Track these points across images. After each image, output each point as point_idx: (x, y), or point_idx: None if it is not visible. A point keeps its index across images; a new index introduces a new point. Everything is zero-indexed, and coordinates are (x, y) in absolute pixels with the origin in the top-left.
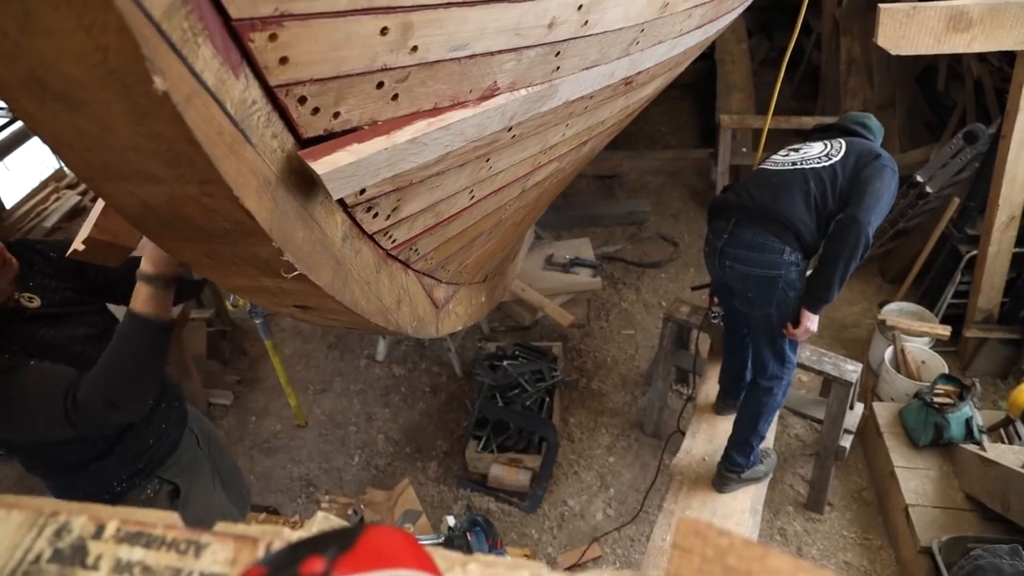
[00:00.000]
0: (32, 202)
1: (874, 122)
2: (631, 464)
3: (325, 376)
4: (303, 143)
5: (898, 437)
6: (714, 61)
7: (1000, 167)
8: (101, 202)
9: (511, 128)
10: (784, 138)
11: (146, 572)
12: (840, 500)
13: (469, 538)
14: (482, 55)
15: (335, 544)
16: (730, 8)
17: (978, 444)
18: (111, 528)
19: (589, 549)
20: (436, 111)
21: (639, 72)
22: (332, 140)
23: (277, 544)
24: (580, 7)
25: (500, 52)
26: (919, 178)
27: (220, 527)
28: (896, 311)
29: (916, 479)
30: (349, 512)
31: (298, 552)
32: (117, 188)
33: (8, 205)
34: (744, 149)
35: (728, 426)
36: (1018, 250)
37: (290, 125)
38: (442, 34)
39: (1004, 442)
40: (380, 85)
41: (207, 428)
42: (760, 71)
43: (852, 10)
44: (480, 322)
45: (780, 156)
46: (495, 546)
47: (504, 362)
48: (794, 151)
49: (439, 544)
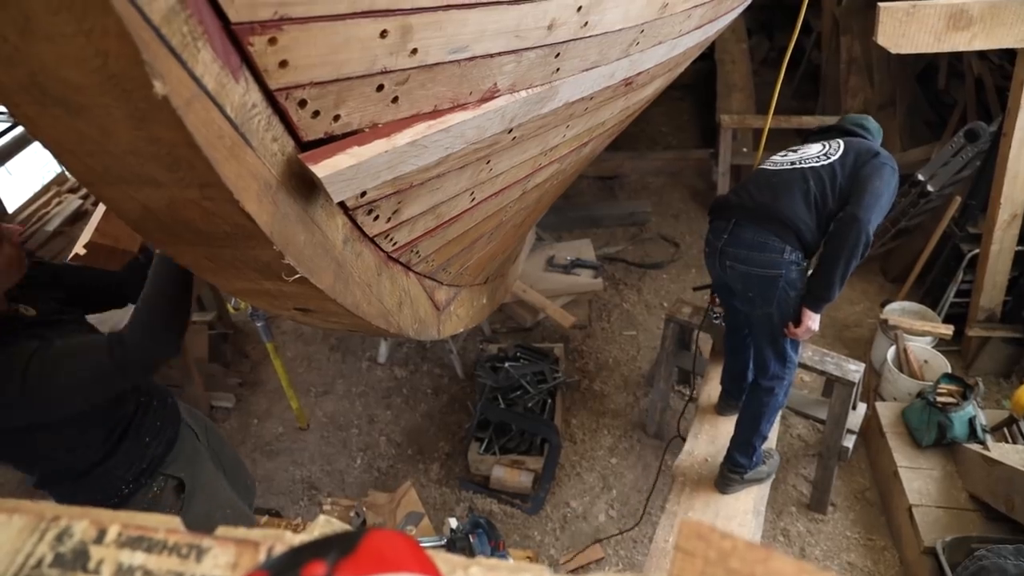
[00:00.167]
0: (34, 206)
1: (873, 123)
2: (633, 465)
3: (327, 378)
4: (303, 146)
5: (901, 437)
6: (714, 61)
7: (1001, 165)
8: (102, 206)
9: (511, 130)
10: (785, 138)
11: None
12: (843, 500)
13: (471, 540)
14: (482, 57)
15: (336, 548)
16: (729, 8)
17: (982, 444)
18: (112, 532)
19: (592, 551)
20: (436, 113)
21: (639, 73)
22: (332, 143)
23: (278, 548)
24: (579, 8)
25: (500, 54)
26: (920, 177)
27: (221, 531)
28: (898, 310)
29: (919, 479)
30: (351, 514)
31: (299, 556)
32: (118, 192)
33: (10, 209)
34: (745, 149)
35: (730, 427)
36: (1020, 248)
37: (290, 128)
38: (441, 36)
39: (1008, 441)
40: (380, 88)
41: (202, 420)
42: (760, 71)
43: (852, 9)
44: (482, 324)
45: (779, 157)
46: (497, 548)
47: (506, 364)
48: (793, 152)
49: (441, 546)
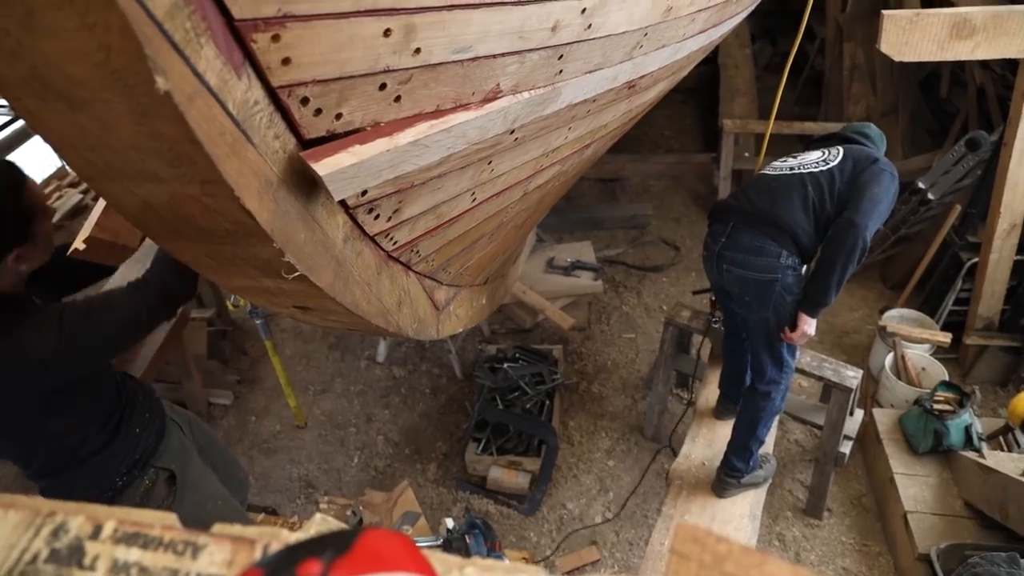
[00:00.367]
0: None
1: (875, 131)
2: (631, 468)
3: (325, 377)
4: (305, 144)
5: (898, 444)
6: (717, 65)
7: (1002, 174)
8: (102, 201)
9: (513, 131)
10: (787, 143)
11: (143, 573)
12: (839, 506)
13: (468, 540)
14: (485, 58)
15: (332, 547)
16: (733, 13)
17: (977, 452)
18: (108, 528)
19: (588, 552)
20: (438, 113)
21: (642, 76)
22: (334, 141)
23: (274, 546)
24: (583, 11)
25: (503, 55)
26: (921, 185)
27: (217, 528)
28: (897, 317)
29: (915, 486)
30: (348, 513)
31: (295, 554)
32: (119, 187)
33: None
34: (746, 154)
35: (728, 431)
36: (1019, 258)
37: (292, 126)
38: (445, 36)
39: (1003, 450)
40: (383, 87)
41: (185, 415)
42: (763, 76)
43: (856, 16)
44: (481, 324)
45: (779, 162)
46: (494, 548)
47: (504, 364)
48: (793, 157)
49: (437, 546)
